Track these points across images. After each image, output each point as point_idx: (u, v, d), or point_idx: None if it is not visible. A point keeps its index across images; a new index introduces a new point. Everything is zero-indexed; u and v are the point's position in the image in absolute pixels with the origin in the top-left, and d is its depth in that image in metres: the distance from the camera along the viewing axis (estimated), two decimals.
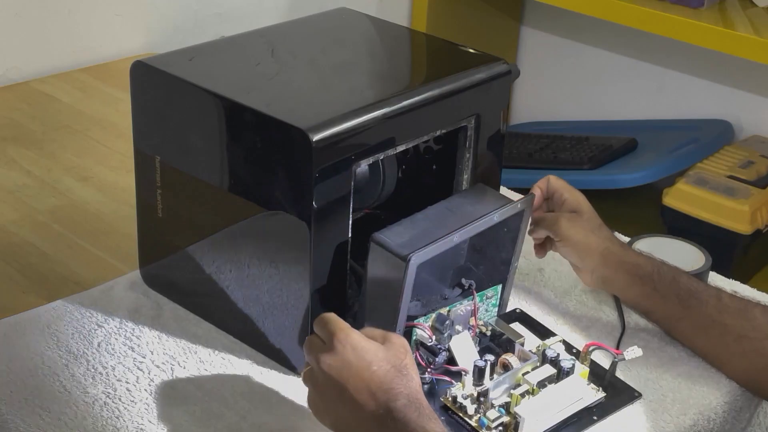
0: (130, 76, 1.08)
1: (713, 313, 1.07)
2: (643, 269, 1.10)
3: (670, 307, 1.09)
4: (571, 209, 1.14)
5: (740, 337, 1.06)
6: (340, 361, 0.88)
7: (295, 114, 0.99)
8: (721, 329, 1.07)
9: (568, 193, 1.15)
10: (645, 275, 1.10)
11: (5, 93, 1.71)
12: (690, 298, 1.08)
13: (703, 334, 1.08)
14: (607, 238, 1.13)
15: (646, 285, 1.10)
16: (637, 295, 1.12)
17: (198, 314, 1.13)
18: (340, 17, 1.28)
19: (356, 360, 0.87)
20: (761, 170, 2.03)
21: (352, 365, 0.87)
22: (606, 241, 1.12)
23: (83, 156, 1.51)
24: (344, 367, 0.87)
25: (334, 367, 0.88)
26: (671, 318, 1.10)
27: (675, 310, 1.09)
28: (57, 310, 1.12)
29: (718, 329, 1.07)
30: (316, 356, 0.89)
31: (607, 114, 2.44)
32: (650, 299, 1.11)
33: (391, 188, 1.19)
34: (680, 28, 1.90)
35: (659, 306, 1.11)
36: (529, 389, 0.99)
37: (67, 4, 1.79)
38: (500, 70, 1.15)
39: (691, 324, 1.09)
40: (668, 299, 1.09)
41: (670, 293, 1.09)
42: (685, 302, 1.08)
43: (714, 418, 1.06)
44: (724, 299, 1.08)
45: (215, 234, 1.08)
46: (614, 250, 1.12)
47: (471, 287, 1.08)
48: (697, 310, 1.08)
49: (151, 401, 1.01)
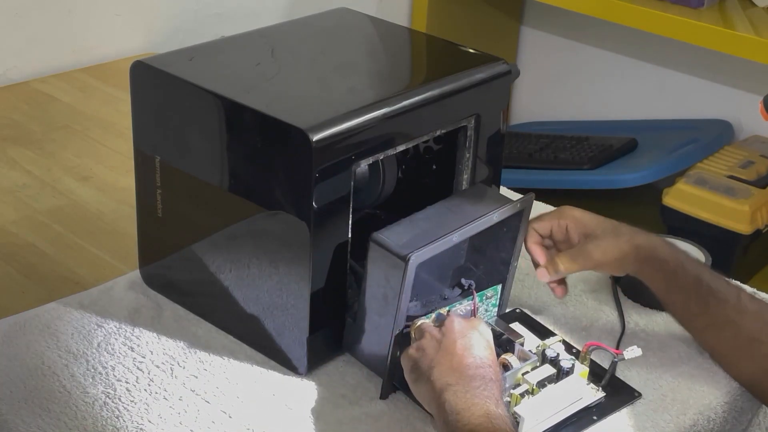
0: (130, 76, 1.08)
1: (730, 313, 1.06)
2: (669, 265, 1.08)
3: (687, 303, 1.09)
4: (582, 233, 1.10)
5: (753, 340, 1.05)
6: (467, 323, 1.00)
7: (295, 114, 0.99)
8: (735, 330, 1.06)
9: (567, 221, 1.11)
10: (669, 271, 1.09)
11: (5, 93, 1.71)
12: (709, 296, 1.07)
13: (716, 332, 1.08)
14: (629, 234, 1.10)
15: (669, 280, 1.09)
16: (659, 289, 1.10)
17: (198, 314, 1.13)
18: (340, 17, 1.28)
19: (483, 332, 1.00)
20: (761, 170, 2.03)
21: (477, 331, 0.99)
22: (632, 240, 1.09)
23: (83, 156, 1.51)
24: (471, 328, 0.99)
25: (464, 325, 0.99)
26: (688, 313, 1.10)
27: (693, 307, 1.09)
28: (57, 310, 1.12)
29: (732, 329, 1.06)
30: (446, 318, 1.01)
31: (607, 114, 2.44)
32: (670, 294, 1.10)
33: (391, 188, 1.19)
34: (680, 28, 1.91)
35: (678, 300, 1.10)
36: (529, 389, 0.99)
37: (67, 4, 1.79)
38: (500, 70, 1.15)
39: (706, 321, 1.08)
40: (688, 295, 1.08)
41: (690, 289, 1.08)
42: (704, 299, 1.08)
43: (714, 418, 1.06)
44: (743, 300, 1.07)
45: (215, 234, 1.08)
46: (643, 244, 1.09)
47: (471, 287, 1.08)
48: (714, 308, 1.07)
49: (150, 401, 1.01)
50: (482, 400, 0.91)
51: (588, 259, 1.08)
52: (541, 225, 1.12)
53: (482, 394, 0.92)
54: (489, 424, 0.89)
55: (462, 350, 0.95)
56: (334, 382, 1.05)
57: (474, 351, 0.96)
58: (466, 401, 0.91)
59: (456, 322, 0.99)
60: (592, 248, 1.08)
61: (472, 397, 0.91)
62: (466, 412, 0.90)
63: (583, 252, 1.09)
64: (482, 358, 0.95)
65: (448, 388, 0.92)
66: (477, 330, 0.99)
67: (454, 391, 0.92)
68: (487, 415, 0.90)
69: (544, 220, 1.12)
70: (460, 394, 0.92)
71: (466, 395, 0.91)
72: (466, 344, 0.96)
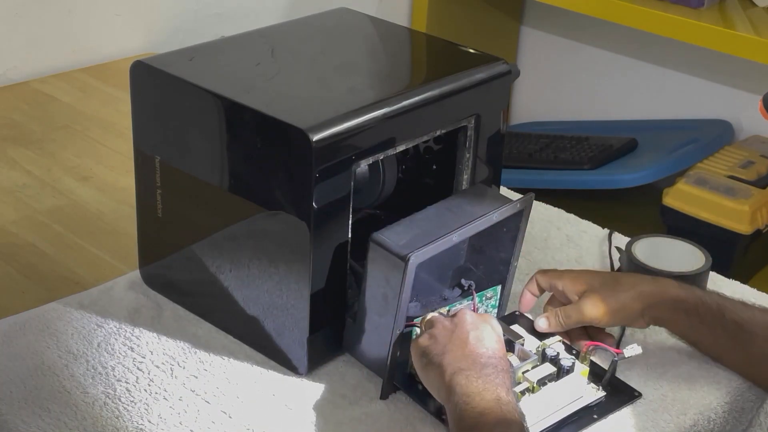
0: (130, 76, 1.08)
1: (763, 345, 1.05)
2: (687, 303, 1.06)
3: (717, 340, 1.07)
4: (578, 291, 1.08)
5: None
6: (479, 317, 1.00)
7: (295, 114, 0.99)
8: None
9: (562, 280, 1.10)
10: (690, 309, 1.06)
11: (5, 93, 1.71)
12: (738, 331, 1.05)
13: (754, 367, 1.07)
14: (630, 284, 1.08)
15: (692, 318, 1.06)
16: (684, 329, 1.09)
17: (198, 314, 1.13)
18: (340, 17, 1.28)
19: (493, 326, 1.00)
20: (761, 170, 2.03)
21: (489, 324, 0.99)
22: (634, 288, 1.07)
23: (83, 156, 1.51)
24: (483, 321, 0.99)
25: (476, 318, 0.99)
26: (720, 350, 1.08)
27: (723, 344, 1.07)
28: (57, 310, 1.12)
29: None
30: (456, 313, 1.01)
31: (607, 114, 2.44)
32: (697, 332, 1.08)
33: (391, 188, 1.19)
34: (680, 28, 1.90)
35: (707, 338, 1.08)
36: (530, 387, 0.99)
37: (67, 4, 1.79)
38: (500, 70, 1.15)
39: (740, 358, 1.07)
40: (715, 332, 1.06)
41: (716, 325, 1.06)
42: (732, 335, 1.06)
43: (714, 418, 1.05)
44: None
45: (215, 234, 1.08)
46: (647, 289, 1.07)
47: (471, 288, 1.08)
48: (746, 344, 1.06)
49: (150, 401, 1.01)
50: (493, 386, 0.91)
51: (580, 314, 1.07)
52: (543, 279, 1.11)
53: (494, 381, 0.92)
54: (498, 408, 0.89)
55: (475, 340, 0.96)
56: (334, 382, 1.05)
57: (486, 342, 0.96)
58: (478, 386, 0.91)
59: (468, 314, 1.00)
60: (585, 303, 1.07)
61: (484, 383, 0.92)
62: (476, 395, 0.90)
63: (579, 307, 1.07)
64: (494, 350, 0.96)
65: (460, 372, 0.93)
66: (489, 324, 0.99)
67: (467, 375, 0.92)
68: (497, 400, 0.90)
69: (547, 275, 1.11)
70: (472, 378, 0.92)
71: (478, 380, 0.92)
72: (479, 335, 0.96)
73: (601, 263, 1.29)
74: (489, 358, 0.94)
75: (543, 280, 1.12)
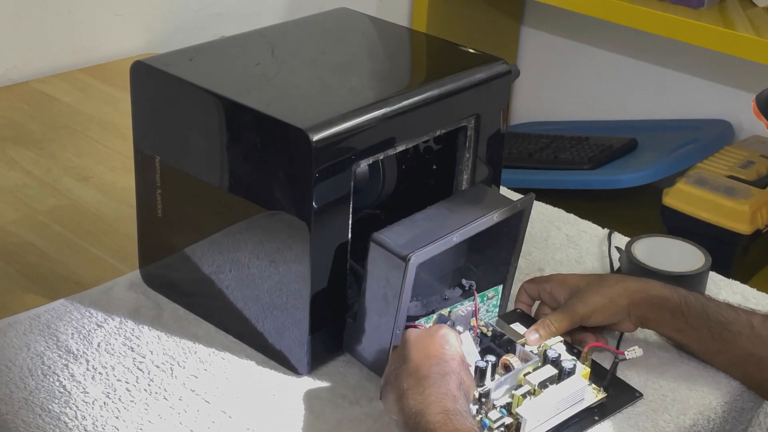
0: (130, 76, 1.08)
1: (747, 346, 1.05)
2: (671, 302, 1.07)
3: (703, 341, 1.07)
4: (566, 295, 1.09)
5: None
6: (427, 329, 1.00)
7: (295, 114, 0.99)
8: (757, 361, 1.05)
9: (549, 283, 1.11)
10: (674, 308, 1.07)
11: (5, 93, 1.71)
12: (723, 331, 1.05)
13: (740, 368, 1.07)
14: (615, 280, 1.09)
15: (677, 319, 1.07)
16: (670, 329, 1.09)
17: (198, 314, 1.13)
18: (340, 17, 1.28)
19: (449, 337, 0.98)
20: (761, 170, 2.03)
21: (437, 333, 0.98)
22: (619, 283, 1.08)
23: (83, 156, 1.51)
24: (428, 334, 0.98)
25: (421, 332, 0.98)
26: (707, 352, 1.08)
27: (709, 344, 1.07)
28: (57, 310, 1.12)
29: (754, 362, 1.05)
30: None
31: (607, 114, 2.44)
32: (683, 333, 1.08)
33: (391, 188, 1.19)
34: (680, 28, 1.90)
35: (693, 340, 1.08)
36: (531, 390, 0.99)
37: (67, 4, 1.79)
38: (500, 70, 1.15)
39: (727, 359, 1.07)
40: (701, 332, 1.07)
41: (701, 326, 1.06)
42: (717, 335, 1.06)
43: (714, 418, 1.05)
44: (756, 327, 1.05)
45: (215, 234, 1.08)
46: (632, 286, 1.08)
47: (471, 288, 1.08)
48: (731, 344, 1.06)
49: (150, 401, 1.01)
50: (438, 398, 0.90)
51: (573, 312, 1.07)
52: (530, 287, 1.13)
53: (437, 392, 0.91)
54: (448, 421, 0.88)
55: (417, 353, 0.95)
56: (334, 382, 1.05)
57: (431, 350, 0.95)
58: (422, 402, 0.90)
59: (413, 331, 0.99)
60: (574, 302, 1.07)
61: (428, 396, 0.90)
62: (424, 412, 0.89)
63: (567, 307, 1.07)
64: (439, 356, 0.94)
65: (405, 393, 0.92)
66: (437, 332, 0.98)
67: (411, 395, 0.91)
68: (445, 412, 0.89)
69: (534, 282, 1.12)
70: (416, 396, 0.91)
71: (422, 396, 0.91)
72: (422, 347, 0.95)
73: (601, 263, 1.29)
74: (431, 366, 0.93)
75: (531, 288, 1.13)
